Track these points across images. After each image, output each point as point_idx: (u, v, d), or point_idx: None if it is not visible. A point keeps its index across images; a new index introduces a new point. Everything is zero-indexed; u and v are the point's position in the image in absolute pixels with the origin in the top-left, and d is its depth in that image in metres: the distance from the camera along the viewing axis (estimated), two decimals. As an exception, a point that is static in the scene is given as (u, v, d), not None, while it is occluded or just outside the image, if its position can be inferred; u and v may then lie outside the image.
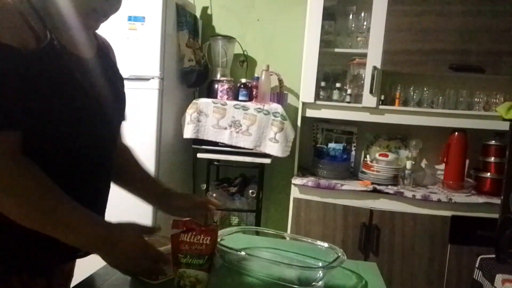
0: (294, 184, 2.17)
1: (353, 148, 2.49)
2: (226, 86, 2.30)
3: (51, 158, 0.75)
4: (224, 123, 2.21)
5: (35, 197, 0.69)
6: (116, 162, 0.94)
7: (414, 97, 2.27)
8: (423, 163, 2.44)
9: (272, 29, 2.60)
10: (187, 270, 0.79)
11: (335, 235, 2.10)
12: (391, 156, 2.27)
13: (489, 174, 2.14)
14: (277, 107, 2.21)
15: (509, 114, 1.86)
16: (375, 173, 2.21)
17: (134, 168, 1.07)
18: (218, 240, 0.98)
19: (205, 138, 2.23)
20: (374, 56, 2.15)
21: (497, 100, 2.21)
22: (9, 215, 0.68)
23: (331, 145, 2.36)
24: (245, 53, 2.61)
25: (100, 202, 0.90)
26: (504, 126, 1.95)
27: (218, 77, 2.44)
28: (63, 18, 0.77)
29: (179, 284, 0.79)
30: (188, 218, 0.82)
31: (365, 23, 2.24)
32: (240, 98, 2.28)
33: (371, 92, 2.16)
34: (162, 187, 1.07)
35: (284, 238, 1.24)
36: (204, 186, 2.32)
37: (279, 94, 2.35)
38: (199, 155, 2.27)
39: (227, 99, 2.29)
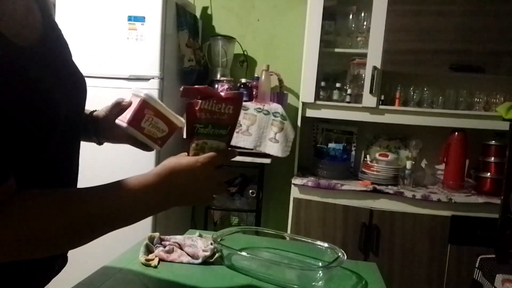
0: (294, 184, 2.17)
1: (353, 148, 2.49)
2: (226, 86, 2.30)
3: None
4: (224, 123, 2.21)
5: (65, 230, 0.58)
6: None
7: (414, 97, 2.27)
8: (423, 163, 2.44)
9: (272, 29, 2.60)
10: (208, 141, 0.70)
11: (335, 235, 2.10)
12: (391, 156, 2.27)
13: (489, 174, 2.14)
14: (277, 107, 2.21)
15: (509, 114, 1.87)
16: (375, 173, 2.21)
17: None
18: (218, 240, 0.98)
19: (205, 138, 2.22)
20: (374, 56, 2.15)
21: (497, 100, 2.21)
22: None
23: (331, 145, 2.36)
24: (245, 53, 2.61)
25: (71, 177, 0.79)
26: (504, 126, 1.95)
27: (218, 77, 2.44)
28: None
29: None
30: (204, 86, 0.71)
31: (365, 23, 2.24)
32: (240, 98, 2.28)
33: (371, 92, 2.16)
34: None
35: (284, 238, 1.24)
36: (204, 186, 2.32)
37: (279, 94, 2.35)
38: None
39: (227, 99, 2.29)
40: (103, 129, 0.89)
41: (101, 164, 1.94)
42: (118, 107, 0.88)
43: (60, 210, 0.57)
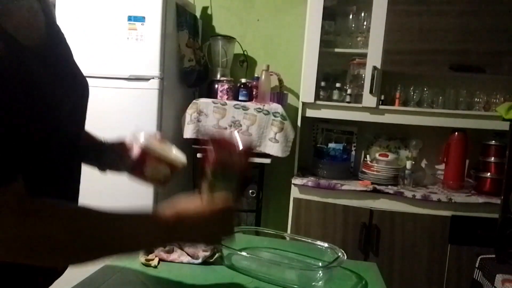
0: (294, 184, 2.17)
1: (353, 148, 2.49)
2: (226, 86, 2.30)
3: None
4: (224, 123, 2.21)
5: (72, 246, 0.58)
6: None
7: (414, 97, 2.27)
8: (423, 163, 2.44)
9: (272, 29, 2.60)
10: (219, 186, 0.73)
11: (335, 235, 2.10)
12: (391, 156, 2.27)
13: (489, 174, 2.14)
14: (277, 107, 2.21)
15: (509, 114, 1.86)
16: (375, 173, 2.21)
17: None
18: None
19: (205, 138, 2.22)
20: (374, 56, 2.15)
21: (497, 100, 2.21)
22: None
23: (331, 145, 2.36)
24: (245, 53, 2.61)
25: (72, 183, 0.79)
26: (504, 126, 1.95)
27: (218, 77, 2.44)
28: None
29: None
30: (221, 136, 0.77)
31: (365, 23, 2.24)
32: (240, 98, 2.28)
33: (371, 92, 2.16)
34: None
35: (284, 238, 1.24)
36: (204, 186, 2.32)
37: (279, 94, 2.35)
38: (199, 155, 2.26)
39: (227, 99, 2.29)
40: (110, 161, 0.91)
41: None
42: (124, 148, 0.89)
43: (71, 224, 0.58)
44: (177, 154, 0.89)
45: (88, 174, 0.86)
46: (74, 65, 0.77)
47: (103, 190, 1.71)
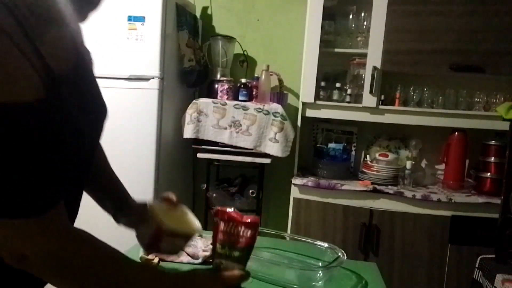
0: (294, 184, 2.17)
1: (353, 148, 2.49)
2: (226, 86, 2.30)
3: None
4: (224, 123, 2.21)
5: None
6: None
7: (414, 97, 2.27)
8: (423, 163, 2.44)
9: (272, 29, 2.60)
10: (224, 262, 0.75)
11: (335, 235, 2.10)
12: (391, 156, 2.27)
13: (489, 174, 2.14)
14: (277, 107, 2.21)
15: (509, 114, 1.87)
16: (375, 173, 2.21)
17: (102, 170, 0.93)
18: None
19: (205, 138, 2.23)
20: (374, 56, 2.15)
21: (497, 100, 2.21)
22: None
23: (331, 145, 2.36)
24: (245, 53, 2.61)
25: (76, 204, 0.80)
26: (504, 126, 1.95)
27: (218, 77, 2.44)
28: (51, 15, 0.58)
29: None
30: (232, 208, 0.79)
31: (365, 23, 2.24)
32: (240, 98, 2.28)
33: (371, 92, 2.16)
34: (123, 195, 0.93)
35: (284, 238, 1.24)
36: (204, 186, 2.32)
37: (279, 94, 2.35)
38: (199, 155, 2.27)
39: (227, 99, 2.29)
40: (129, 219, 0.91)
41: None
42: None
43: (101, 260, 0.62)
44: (192, 220, 0.87)
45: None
46: (99, 94, 0.79)
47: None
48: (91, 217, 1.00)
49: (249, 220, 0.75)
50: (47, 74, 0.56)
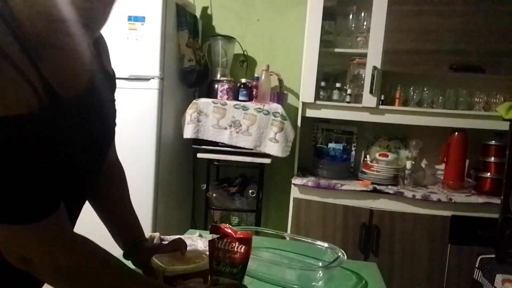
0: (294, 184, 2.17)
1: (353, 148, 2.49)
2: (226, 86, 2.30)
3: None
4: (224, 123, 2.21)
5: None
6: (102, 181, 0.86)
7: (414, 97, 2.27)
8: (423, 163, 2.44)
9: (272, 29, 2.60)
10: (220, 278, 0.76)
11: (335, 235, 2.10)
12: (391, 156, 2.27)
13: (489, 174, 2.14)
14: (277, 107, 2.21)
15: (509, 114, 1.87)
16: (375, 173, 2.21)
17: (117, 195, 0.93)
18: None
19: (205, 138, 2.23)
20: (374, 56, 2.15)
21: (497, 100, 2.21)
22: None
23: (331, 145, 2.36)
24: (245, 53, 2.61)
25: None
26: (504, 126, 1.95)
27: (218, 77, 2.44)
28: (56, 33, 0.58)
29: None
30: (226, 225, 0.80)
31: (365, 23, 2.24)
32: (240, 98, 2.28)
33: (371, 92, 2.16)
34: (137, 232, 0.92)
35: (284, 238, 1.24)
36: (204, 186, 2.32)
37: (279, 94, 2.35)
38: (199, 155, 2.27)
39: (227, 99, 2.29)
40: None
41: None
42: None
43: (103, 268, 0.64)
44: (205, 257, 0.84)
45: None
46: (108, 119, 0.80)
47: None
48: (91, 217, 1.00)
49: (242, 236, 0.77)
50: (48, 93, 0.59)
